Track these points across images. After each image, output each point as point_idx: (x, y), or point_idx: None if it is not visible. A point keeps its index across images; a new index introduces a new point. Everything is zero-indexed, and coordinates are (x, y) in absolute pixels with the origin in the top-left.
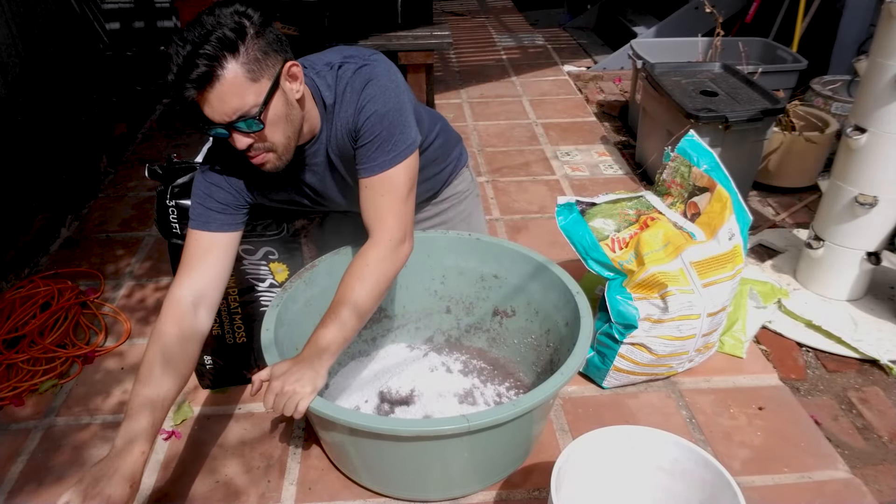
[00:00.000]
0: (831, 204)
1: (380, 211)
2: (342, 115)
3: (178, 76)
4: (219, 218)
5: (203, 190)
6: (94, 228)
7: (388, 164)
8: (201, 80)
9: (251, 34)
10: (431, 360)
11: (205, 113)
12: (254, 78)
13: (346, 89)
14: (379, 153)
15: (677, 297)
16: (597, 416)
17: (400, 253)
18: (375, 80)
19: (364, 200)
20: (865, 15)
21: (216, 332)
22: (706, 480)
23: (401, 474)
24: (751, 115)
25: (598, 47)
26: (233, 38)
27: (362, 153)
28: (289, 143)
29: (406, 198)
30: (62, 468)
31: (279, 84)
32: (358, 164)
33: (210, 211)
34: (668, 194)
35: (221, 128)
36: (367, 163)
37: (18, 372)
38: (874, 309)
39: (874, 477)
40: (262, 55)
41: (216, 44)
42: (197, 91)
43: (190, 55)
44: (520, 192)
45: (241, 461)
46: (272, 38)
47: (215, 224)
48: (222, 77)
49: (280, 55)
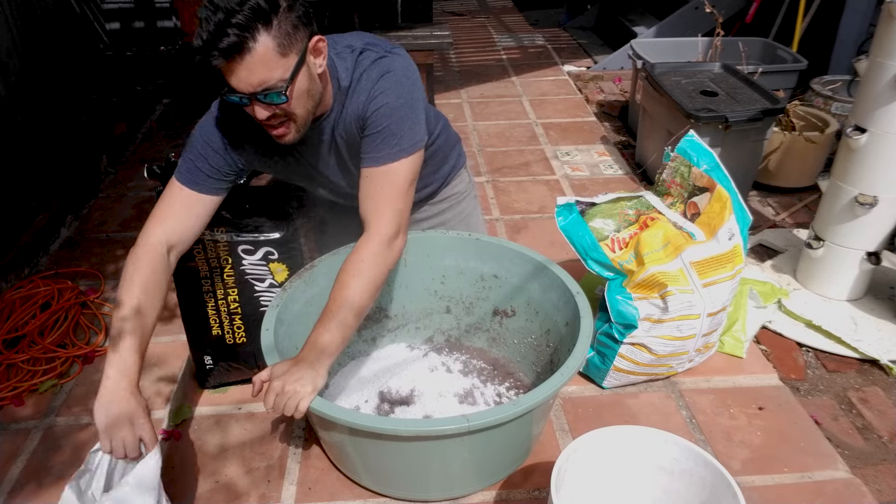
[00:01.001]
0: (831, 204)
1: (378, 203)
2: (354, 101)
3: (206, 44)
4: (208, 182)
5: (199, 149)
6: (94, 228)
7: (392, 158)
8: (230, 51)
9: (284, 6)
10: (431, 360)
11: (229, 82)
12: (283, 52)
13: (363, 76)
14: (384, 145)
15: (677, 297)
16: (597, 415)
17: (394, 248)
18: (392, 73)
19: (363, 189)
20: (865, 15)
21: (216, 333)
22: (706, 480)
23: (401, 474)
24: (751, 115)
25: (598, 47)
26: (267, 9)
27: (368, 143)
28: (308, 116)
29: (405, 193)
30: (62, 468)
31: (305, 59)
32: (362, 153)
33: (201, 172)
34: (667, 194)
35: (244, 97)
36: (372, 153)
37: (18, 372)
38: (874, 309)
39: (874, 477)
40: (292, 29)
41: (249, 14)
42: (224, 61)
43: (221, 23)
44: (520, 192)
45: (241, 461)
46: (302, 11)
47: (204, 186)
48: (252, 49)
49: (307, 28)
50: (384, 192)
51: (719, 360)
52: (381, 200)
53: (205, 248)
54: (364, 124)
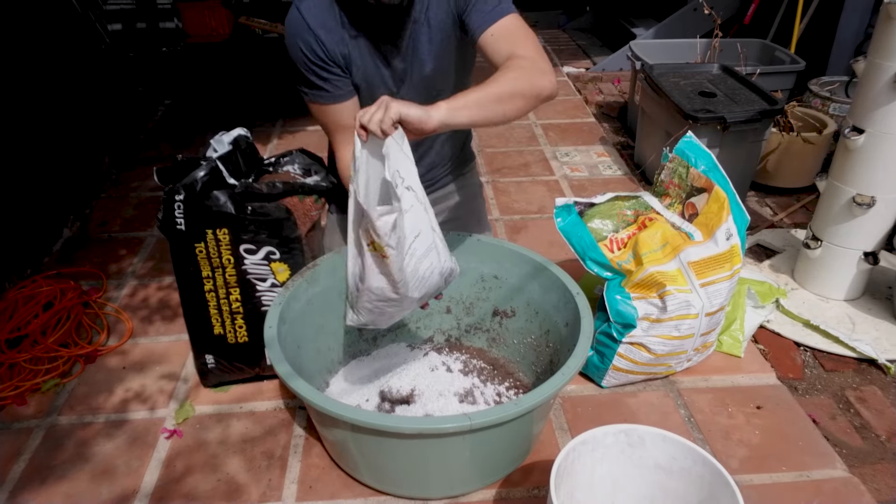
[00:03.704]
0: (829, 204)
1: (515, 43)
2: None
3: None
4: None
5: (317, 77)
6: (97, 228)
7: (507, 10)
8: None
9: None
10: (432, 360)
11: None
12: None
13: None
14: (493, 3)
15: (675, 296)
16: (596, 414)
17: (541, 67)
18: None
19: (494, 51)
20: (863, 16)
21: (218, 332)
22: (704, 479)
23: (402, 472)
24: (749, 116)
25: (597, 48)
26: None
27: (477, 9)
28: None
29: (534, 36)
30: (64, 467)
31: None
32: (475, 19)
33: (332, 86)
34: (666, 195)
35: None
36: (490, 11)
37: (21, 371)
38: (872, 309)
39: (872, 476)
40: None
41: None
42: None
43: None
44: (519, 193)
45: (242, 460)
46: None
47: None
48: None
49: None
50: (519, 36)
51: (718, 360)
52: (519, 40)
53: (207, 248)
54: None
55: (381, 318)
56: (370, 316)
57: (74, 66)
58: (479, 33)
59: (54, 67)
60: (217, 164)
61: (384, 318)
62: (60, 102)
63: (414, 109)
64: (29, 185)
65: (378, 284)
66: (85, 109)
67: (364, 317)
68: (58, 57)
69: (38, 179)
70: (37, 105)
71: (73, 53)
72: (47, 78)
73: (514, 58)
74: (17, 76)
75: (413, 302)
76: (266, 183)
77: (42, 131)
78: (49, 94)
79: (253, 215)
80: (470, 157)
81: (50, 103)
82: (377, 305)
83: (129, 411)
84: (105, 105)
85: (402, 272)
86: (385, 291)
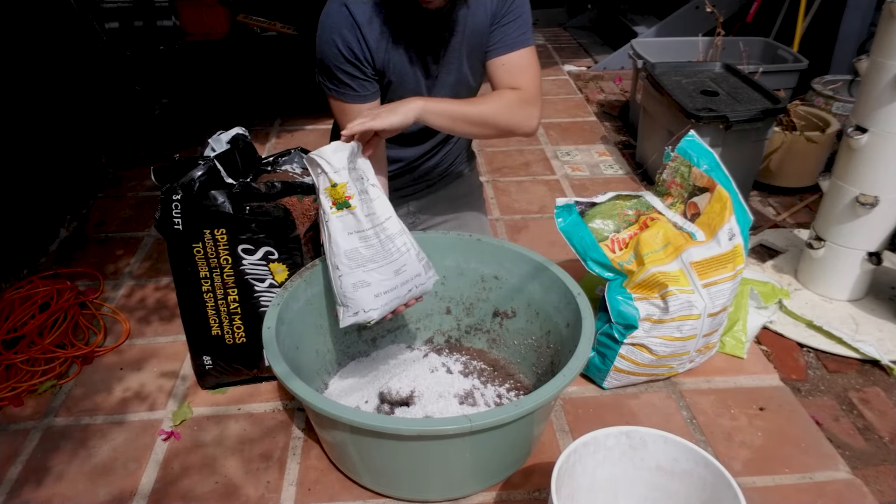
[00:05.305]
0: (832, 204)
1: (517, 76)
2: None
3: None
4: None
5: (346, 75)
6: (94, 229)
7: (527, 42)
8: None
9: None
10: (431, 361)
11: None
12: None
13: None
14: (520, 30)
15: (678, 297)
16: (597, 416)
17: (527, 109)
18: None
19: (501, 79)
20: (866, 14)
21: (216, 333)
22: (707, 481)
23: (402, 474)
24: (751, 115)
25: (598, 47)
26: None
27: (507, 30)
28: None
29: (540, 75)
30: (61, 468)
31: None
32: (498, 42)
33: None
34: (667, 194)
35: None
36: (510, 34)
37: (17, 372)
38: (875, 309)
39: (875, 477)
40: None
41: None
42: None
43: None
44: (520, 192)
45: (240, 462)
46: None
47: (371, 95)
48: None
49: None
50: (525, 69)
51: (720, 361)
52: (522, 73)
53: (204, 248)
54: (503, 11)
55: (366, 298)
56: (356, 295)
57: (71, 65)
58: (493, 56)
59: (51, 66)
60: (215, 164)
61: (370, 296)
62: (57, 101)
63: (395, 118)
64: (25, 185)
65: (348, 246)
66: (82, 108)
67: (352, 304)
68: (54, 55)
69: (34, 179)
70: (33, 104)
71: (69, 51)
72: (44, 76)
73: (509, 89)
74: (13, 74)
75: (392, 273)
76: (264, 182)
77: (39, 131)
78: (45, 93)
79: (251, 215)
80: (471, 155)
81: (46, 102)
82: (358, 278)
83: (126, 412)
84: (102, 104)
85: (371, 220)
86: (358, 251)
